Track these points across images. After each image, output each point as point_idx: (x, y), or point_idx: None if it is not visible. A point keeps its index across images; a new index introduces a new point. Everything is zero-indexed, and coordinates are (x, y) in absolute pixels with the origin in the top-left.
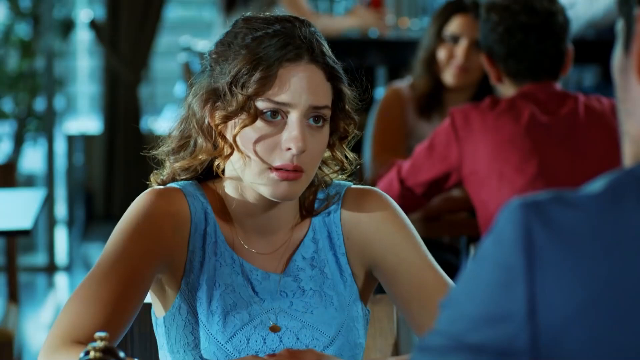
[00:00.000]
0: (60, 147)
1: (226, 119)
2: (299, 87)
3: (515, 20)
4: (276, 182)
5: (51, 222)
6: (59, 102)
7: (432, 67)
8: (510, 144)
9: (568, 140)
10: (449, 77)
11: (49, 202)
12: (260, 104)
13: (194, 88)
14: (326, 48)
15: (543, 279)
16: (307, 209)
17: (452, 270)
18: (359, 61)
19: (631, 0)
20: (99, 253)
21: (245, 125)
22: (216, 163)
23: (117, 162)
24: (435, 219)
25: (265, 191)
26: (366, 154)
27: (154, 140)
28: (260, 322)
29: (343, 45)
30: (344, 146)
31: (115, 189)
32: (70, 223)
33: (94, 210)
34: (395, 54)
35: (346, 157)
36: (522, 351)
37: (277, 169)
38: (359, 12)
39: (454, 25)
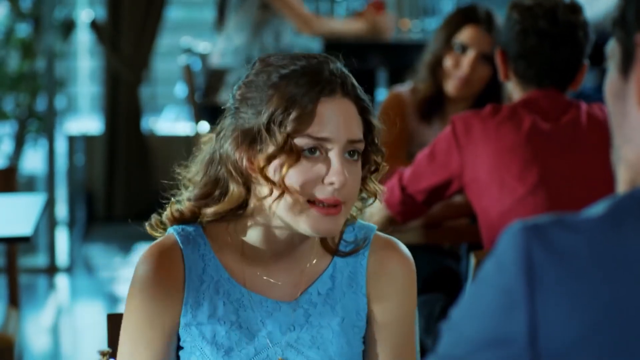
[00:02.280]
0: (61, 147)
1: (269, 160)
2: (336, 122)
3: (533, 24)
4: (318, 218)
5: (52, 223)
6: (59, 103)
7: (437, 72)
8: (511, 152)
9: (570, 148)
10: (450, 87)
11: (49, 203)
12: (300, 141)
13: (219, 131)
14: (355, 81)
15: (544, 303)
16: (330, 246)
17: (453, 276)
18: (359, 63)
19: (629, 24)
20: (100, 254)
21: (290, 165)
22: (251, 205)
23: (118, 163)
24: (436, 226)
25: (306, 227)
26: None
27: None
28: (266, 357)
29: (343, 47)
30: (373, 179)
31: (116, 189)
32: (71, 224)
33: (95, 211)
34: (396, 57)
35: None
36: None
37: (318, 205)
38: (368, 17)
39: (464, 35)
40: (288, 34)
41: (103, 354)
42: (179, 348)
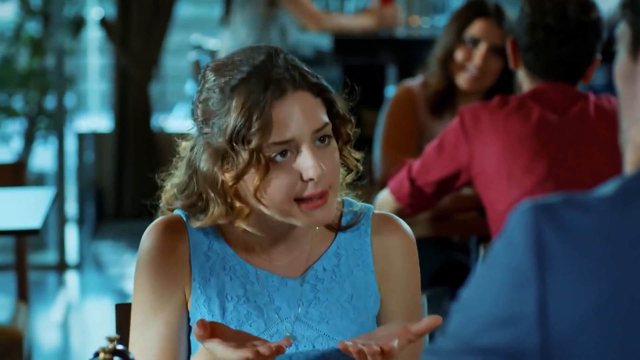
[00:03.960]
0: (71, 145)
1: (238, 178)
2: (296, 119)
3: (542, 18)
4: (308, 213)
5: (61, 220)
6: (69, 100)
7: (448, 66)
8: (519, 143)
9: (578, 140)
10: (462, 81)
11: (59, 200)
12: (267, 150)
13: (193, 145)
14: (302, 67)
15: (554, 282)
16: (331, 223)
17: (462, 269)
18: (369, 59)
19: (637, 5)
20: (110, 251)
21: (262, 178)
22: (236, 225)
23: (128, 160)
24: (445, 218)
25: (299, 222)
26: (376, 153)
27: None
28: (276, 331)
29: (353, 43)
30: (349, 148)
31: (126, 187)
32: (80, 221)
33: (105, 208)
34: (406, 53)
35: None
36: (533, 354)
37: (305, 202)
38: (375, 12)
39: (475, 28)
40: (294, 30)
41: (111, 339)
42: (190, 334)
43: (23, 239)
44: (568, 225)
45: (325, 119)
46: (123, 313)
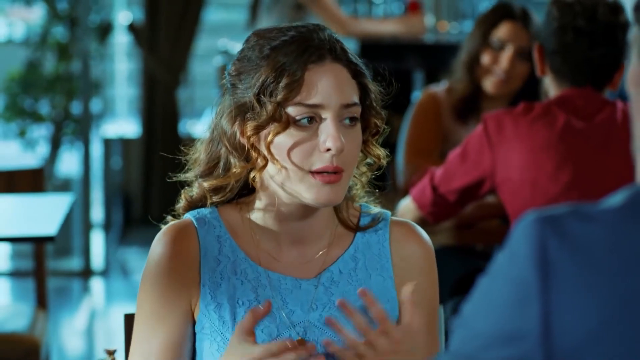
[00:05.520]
0: (97, 150)
1: (258, 129)
2: (327, 87)
3: (571, 21)
4: (319, 186)
5: (87, 226)
6: (95, 105)
7: (474, 70)
8: (544, 151)
9: (604, 147)
10: (488, 85)
11: (84, 206)
12: (292, 110)
13: (218, 109)
14: (346, 46)
15: (559, 297)
16: (349, 224)
17: None
18: (396, 65)
19: None
20: (136, 257)
21: (278, 133)
22: (251, 176)
23: (155, 166)
24: (468, 226)
25: (308, 197)
26: (399, 159)
27: (186, 151)
28: (288, 336)
29: (380, 48)
30: (375, 143)
31: (153, 192)
32: (107, 227)
33: (132, 214)
34: (433, 58)
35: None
36: None
37: (318, 173)
38: (402, 19)
39: (502, 31)
40: None
41: (109, 352)
42: (195, 338)
43: (41, 246)
44: (574, 238)
45: (356, 99)
46: (132, 323)
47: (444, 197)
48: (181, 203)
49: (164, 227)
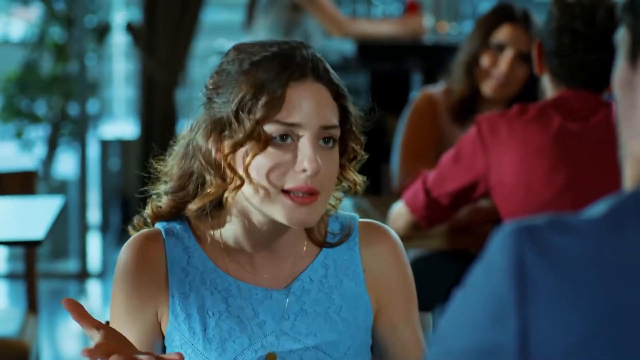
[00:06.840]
0: (95, 151)
1: (235, 147)
2: (307, 107)
3: (569, 23)
4: (292, 207)
5: (83, 228)
6: (93, 106)
7: (473, 72)
8: (538, 153)
9: (599, 149)
10: (487, 88)
11: (81, 208)
12: (270, 128)
13: (193, 123)
14: (329, 66)
15: (536, 311)
16: (317, 240)
17: None
18: (395, 66)
19: (637, 8)
20: None
21: (256, 154)
22: (225, 196)
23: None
24: (462, 231)
25: (281, 217)
26: (394, 161)
27: (156, 164)
28: (261, 346)
29: (378, 49)
30: (352, 168)
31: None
32: (104, 229)
33: (130, 216)
34: (433, 59)
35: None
36: None
37: (292, 195)
38: (401, 21)
39: (502, 34)
40: (319, 36)
41: None
42: (168, 348)
43: (32, 249)
44: (553, 250)
45: (336, 121)
46: None
47: (437, 201)
48: (148, 212)
49: (132, 235)
